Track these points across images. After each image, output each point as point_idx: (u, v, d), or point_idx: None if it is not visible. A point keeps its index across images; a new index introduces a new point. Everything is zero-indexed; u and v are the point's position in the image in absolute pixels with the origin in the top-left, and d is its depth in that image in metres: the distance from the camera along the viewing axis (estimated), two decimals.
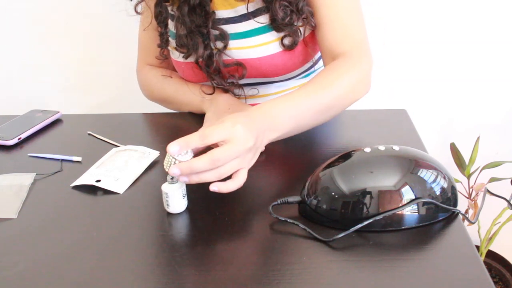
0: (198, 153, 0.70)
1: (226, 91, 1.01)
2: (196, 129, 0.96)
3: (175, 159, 0.68)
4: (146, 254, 0.65)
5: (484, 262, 1.47)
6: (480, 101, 1.52)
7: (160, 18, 1.02)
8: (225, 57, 0.97)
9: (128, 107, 1.15)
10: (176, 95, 1.05)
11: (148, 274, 0.62)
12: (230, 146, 0.68)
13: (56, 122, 1.03)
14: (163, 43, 1.04)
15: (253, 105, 1.00)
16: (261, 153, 0.78)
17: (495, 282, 1.50)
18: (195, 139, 0.68)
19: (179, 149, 0.68)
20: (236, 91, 1.01)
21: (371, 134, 0.94)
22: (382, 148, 0.70)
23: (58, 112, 1.04)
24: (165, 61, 1.10)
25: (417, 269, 0.60)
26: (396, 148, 0.70)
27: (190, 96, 1.02)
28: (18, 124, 0.99)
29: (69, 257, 0.65)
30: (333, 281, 0.60)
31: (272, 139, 0.77)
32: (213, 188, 0.69)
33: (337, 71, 0.86)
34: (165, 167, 0.70)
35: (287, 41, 0.95)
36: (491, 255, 1.54)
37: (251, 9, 0.95)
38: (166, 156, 0.70)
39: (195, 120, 1.00)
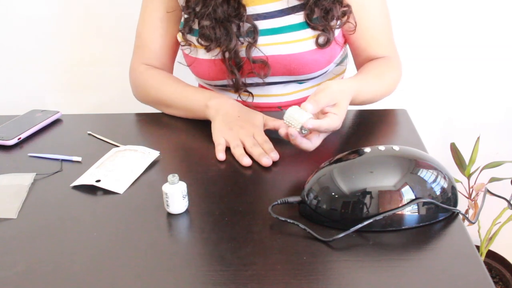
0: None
1: (239, 86, 0.99)
2: (195, 129, 0.96)
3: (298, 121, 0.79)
4: (146, 254, 0.65)
5: (484, 262, 1.47)
6: (480, 101, 1.51)
7: (190, 3, 0.98)
8: (253, 52, 0.96)
9: (128, 107, 1.14)
10: (176, 99, 1.00)
11: (148, 274, 0.62)
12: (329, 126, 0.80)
13: (56, 122, 1.03)
14: (187, 30, 1.00)
15: (258, 105, 1.00)
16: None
17: (495, 282, 1.50)
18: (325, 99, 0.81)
19: (313, 108, 0.79)
20: (244, 95, 1.01)
21: (371, 134, 0.94)
22: (382, 148, 0.70)
23: (58, 112, 1.04)
24: (162, 63, 1.08)
25: (417, 269, 0.60)
26: (396, 148, 0.70)
27: (194, 101, 0.98)
28: (18, 124, 0.99)
29: (69, 257, 0.65)
30: (333, 281, 0.60)
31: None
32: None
33: (385, 65, 1.01)
34: (288, 122, 0.80)
35: (321, 39, 0.96)
36: (491, 255, 1.54)
37: (289, 5, 0.95)
38: (288, 117, 0.80)
39: (195, 120, 1.00)
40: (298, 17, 0.96)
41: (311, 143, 0.81)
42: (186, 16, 1.00)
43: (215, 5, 0.93)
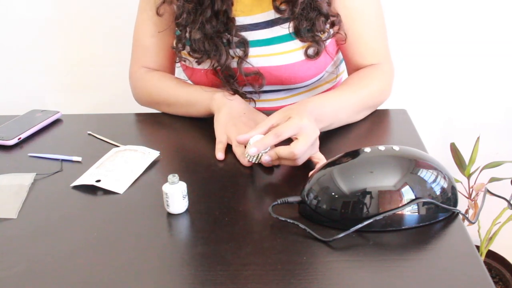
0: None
1: (240, 94, 0.98)
2: (195, 129, 0.96)
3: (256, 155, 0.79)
4: (146, 254, 0.65)
5: (484, 262, 1.47)
6: (480, 101, 1.52)
7: (180, 20, 0.97)
8: (245, 65, 0.95)
9: (128, 107, 1.14)
10: (179, 95, 1.00)
11: (148, 274, 0.62)
12: (305, 138, 0.77)
13: (56, 122, 1.03)
14: (181, 46, 0.99)
15: (259, 109, 1.00)
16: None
17: (495, 282, 1.50)
18: (271, 139, 0.77)
19: (257, 151, 0.78)
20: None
21: (371, 134, 0.94)
22: (382, 148, 0.70)
23: (58, 112, 1.04)
24: (162, 65, 1.07)
25: (417, 269, 0.60)
26: (396, 148, 0.70)
27: (198, 95, 0.98)
28: (18, 124, 0.99)
29: (69, 257, 0.65)
30: (333, 281, 0.60)
31: (319, 128, 0.84)
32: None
33: (368, 76, 0.97)
34: (248, 159, 0.80)
35: (311, 51, 0.95)
36: (491, 255, 1.54)
37: (276, 16, 0.94)
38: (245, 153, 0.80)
39: (195, 119, 1.00)
40: (286, 29, 0.95)
41: (288, 150, 0.77)
42: (178, 32, 1.00)
43: (203, 20, 0.93)
